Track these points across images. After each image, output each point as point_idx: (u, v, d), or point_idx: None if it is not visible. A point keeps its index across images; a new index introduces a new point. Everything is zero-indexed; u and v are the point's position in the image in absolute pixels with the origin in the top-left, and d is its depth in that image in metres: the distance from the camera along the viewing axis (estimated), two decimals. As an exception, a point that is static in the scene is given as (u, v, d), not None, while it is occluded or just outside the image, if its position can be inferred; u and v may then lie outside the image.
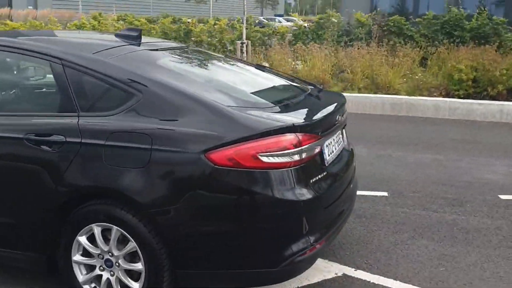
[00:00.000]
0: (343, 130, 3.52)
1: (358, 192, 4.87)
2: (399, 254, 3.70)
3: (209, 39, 12.73)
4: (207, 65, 3.51)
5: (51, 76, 2.87)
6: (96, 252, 2.75)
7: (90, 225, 2.71)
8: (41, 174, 2.72)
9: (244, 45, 11.30)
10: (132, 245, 2.65)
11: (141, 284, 2.69)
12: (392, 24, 11.46)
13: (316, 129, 2.78)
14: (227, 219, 2.57)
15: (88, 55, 2.87)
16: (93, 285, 2.82)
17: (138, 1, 42.11)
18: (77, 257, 2.79)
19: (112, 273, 2.75)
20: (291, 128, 2.60)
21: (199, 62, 3.53)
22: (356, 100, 9.05)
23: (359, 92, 9.38)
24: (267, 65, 10.55)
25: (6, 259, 2.97)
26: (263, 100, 2.95)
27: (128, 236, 2.64)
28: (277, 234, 2.61)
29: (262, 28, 12.89)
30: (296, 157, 2.60)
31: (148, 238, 2.60)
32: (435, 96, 8.87)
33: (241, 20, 11.92)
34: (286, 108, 2.90)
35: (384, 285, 3.27)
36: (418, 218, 4.34)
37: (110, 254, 2.72)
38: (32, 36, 3.49)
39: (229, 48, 12.42)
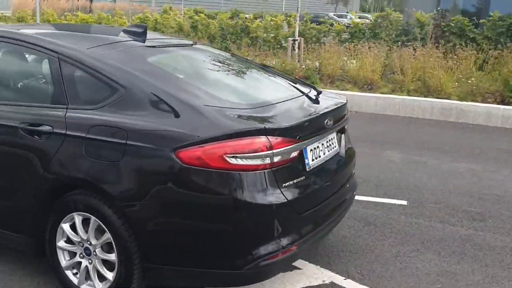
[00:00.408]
0: (341, 134, 3.43)
1: (375, 199, 4.80)
2: (397, 266, 3.56)
3: (264, 35, 12.77)
4: (200, 63, 3.53)
5: (48, 68, 3.01)
6: (77, 240, 2.86)
7: (72, 214, 2.83)
8: (32, 161, 2.87)
9: (296, 42, 11.23)
10: (107, 236, 2.73)
11: (114, 274, 2.77)
12: (453, 25, 10.95)
13: (293, 133, 2.72)
14: (192, 218, 2.59)
15: (82, 50, 2.98)
16: (74, 270, 2.93)
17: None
18: (61, 243, 2.92)
19: (90, 261, 2.85)
20: (262, 131, 2.57)
21: (193, 60, 3.56)
22: (404, 103, 8.76)
23: (408, 95, 9.06)
24: (317, 63, 10.46)
25: (2, 239, 3.15)
26: (245, 102, 2.94)
27: (104, 226, 2.73)
28: (242, 236, 2.59)
29: (318, 25, 12.72)
30: (267, 161, 2.57)
31: (121, 230, 2.67)
32: (488, 103, 8.40)
33: (296, 17, 11.82)
34: (267, 110, 2.86)
35: (369, 298, 3.18)
36: (431, 230, 4.15)
37: (89, 243, 2.83)
38: (36, 29, 3.65)
39: (284, 44, 12.38)
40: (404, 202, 4.74)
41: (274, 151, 2.59)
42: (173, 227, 2.61)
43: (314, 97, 3.32)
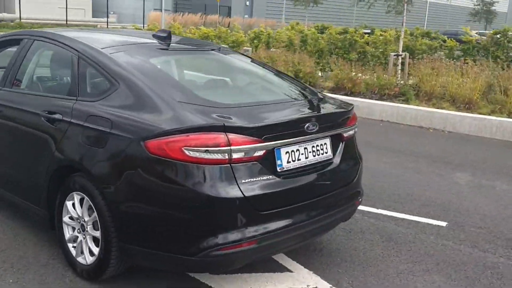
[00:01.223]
0: (340, 142, 3.40)
1: (412, 217, 4.59)
2: (394, 283, 3.41)
3: (373, 49, 12.58)
4: (203, 66, 3.75)
5: (70, 65, 3.46)
6: (75, 217, 3.24)
7: (72, 193, 3.22)
8: (46, 143, 3.32)
9: (400, 58, 10.91)
10: (95, 214, 3.07)
11: (99, 250, 3.09)
12: None
13: (258, 133, 2.82)
14: (154, 204, 2.80)
15: (97, 48, 3.38)
16: (74, 244, 3.32)
17: (338, 11, 42.92)
18: (65, 218, 3.33)
19: (83, 236, 3.21)
20: (221, 128, 2.71)
21: (197, 63, 3.79)
22: (502, 125, 8.08)
23: (508, 117, 8.34)
24: (413, 80, 10.08)
25: (29, 211, 3.67)
26: (225, 101, 3.10)
27: (92, 205, 3.07)
28: (195, 225, 2.75)
29: (429, 41, 12.20)
30: (224, 156, 2.70)
31: (104, 209, 2.98)
32: None
33: (401, 32, 11.48)
34: (241, 110, 2.98)
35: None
36: (454, 253, 3.88)
37: (83, 219, 3.19)
38: (74, 32, 4.15)
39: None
40: (443, 224, 4.46)
41: (232, 147, 2.71)
42: (139, 210, 2.86)
43: (309, 102, 3.36)
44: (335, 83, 11.01)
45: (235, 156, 2.73)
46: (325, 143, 3.29)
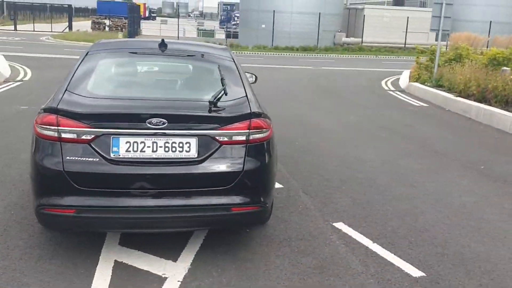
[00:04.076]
0: (214, 144, 3.56)
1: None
2: None
3: None
4: (156, 66, 4.56)
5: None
6: None
7: None
8: None
9: None
10: None
11: None
12: None
13: (87, 120, 3.43)
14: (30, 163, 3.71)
15: (88, 51, 4.44)
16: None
17: None
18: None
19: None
20: (54, 111, 3.46)
21: (153, 64, 4.60)
22: None
23: None
24: None
25: None
26: (100, 94, 3.82)
27: None
28: (34, 186, 3.57)
29: None
30: (55, 134, 3.44)
31: None
32: None
33: None
34: (98, 100, 3.67)
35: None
36: None
37: None
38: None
39: None
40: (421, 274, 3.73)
41: (60, 128, 3.43)
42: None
43: (189, 104, 3.77)
44: None
45: (64, 135, 3.44)
46: (187, 142, 3.52)
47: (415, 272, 3.83)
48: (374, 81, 17.03)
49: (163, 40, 4.46)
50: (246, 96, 3.93)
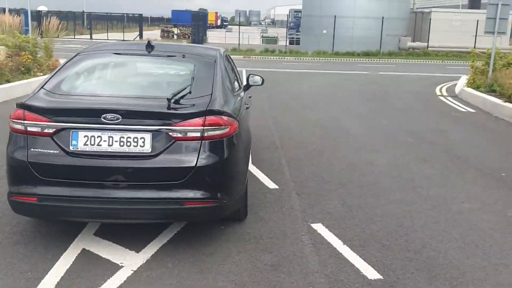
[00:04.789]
0: (167, 140, 3.70)
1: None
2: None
3: None
4: (130, 67, 4.76)
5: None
6: None
7: None
8: None
9: None
10: None
11: None
12: None
13: (48, 114, 3.69)
14: None
15: (82, 51, 4.78)
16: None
17: None
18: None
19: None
20: (22, 106, 3.75)
21: (128, 65, 4.80)
22: None
23: None
24: None
25: None
26: (70, 91, 4.09)
27: None
28: (6, 175, 3.88)
29: None
30: (22, 127, 3.73)
31: None
32: None
33: None
34: (66, 97, 3.95)
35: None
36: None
37: None
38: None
39: None
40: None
41: (26, 122, 3.71)
42: None
43: (147, 101, 3.94)
44: None
45: (29, 129, 3.72)
46: (142, 138, 3.69)
47: (373, 275, 3.75)
48: (429, 87, 16.50)
49: (149, 41, 4.69)
50: (211, 94, 4.03)
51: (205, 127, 3.74)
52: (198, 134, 3.73)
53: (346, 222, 4.74)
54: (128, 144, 3.69)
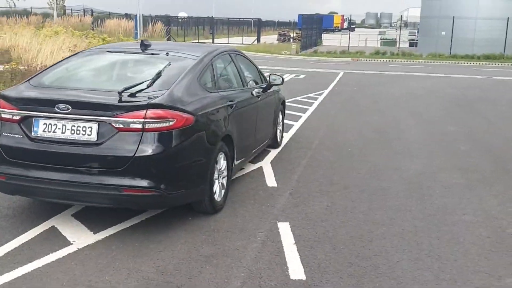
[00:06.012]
0: (112, 130, 3.99)
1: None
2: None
3: None
4: (119, 63, 5.05)
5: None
6: None
7: None
8: None
9: None
10: None
11: None
12: None
13: (16, 103, 4.15)
14: None
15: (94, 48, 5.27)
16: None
17: None
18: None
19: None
20: (1, 96, 4.27)
21: (121, 59, 5.10)
22: None
23: None
24: None
25: None
26: (54, 84, 4.52)
27: None
28: None
29: None
30: (-2, 114, 4.27)
31: None
32: None
33: None
34: (45, 89, 4.39)
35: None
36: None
37: None
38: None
39: None
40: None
41: (0, 109, 4.23)
42: None
43: (101, 94, 4.23)
44: None
45: (3, 115, 4.24)
46: (90, 127, 4.02)
47: (297, 275, 3.67)
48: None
49: (142, 41, 5.04)
50: (168, 90, 4.23)
51: (146, 119, 3.95)
52: (140, 126, 3.96)
53: (316, 224, 4.63)
54: (78, 132, 4.04)
